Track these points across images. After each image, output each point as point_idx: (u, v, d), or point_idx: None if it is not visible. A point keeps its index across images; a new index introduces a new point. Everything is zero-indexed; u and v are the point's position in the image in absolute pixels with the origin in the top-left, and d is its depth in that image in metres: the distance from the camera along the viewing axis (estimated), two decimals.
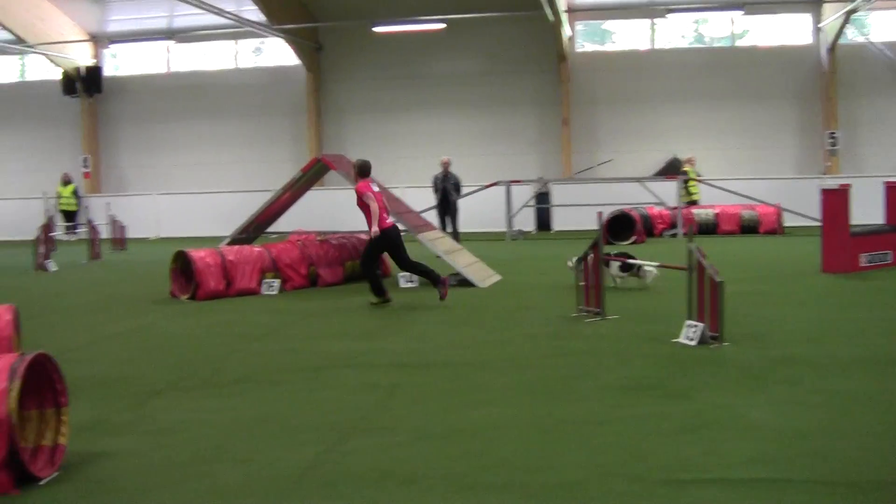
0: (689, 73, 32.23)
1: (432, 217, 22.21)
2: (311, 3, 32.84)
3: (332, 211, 28.75)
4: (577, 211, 27.78)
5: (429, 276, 14.45)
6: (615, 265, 14.99)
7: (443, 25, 31.11)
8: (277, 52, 34.97)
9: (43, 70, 37.15)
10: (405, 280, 16.19)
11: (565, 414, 7.41)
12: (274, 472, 6.19)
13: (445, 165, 23.33)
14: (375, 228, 14.03)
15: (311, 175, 18.29)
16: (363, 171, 14.56)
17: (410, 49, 33.18)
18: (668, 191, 26.98)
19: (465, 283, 15.91)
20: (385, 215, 14.38)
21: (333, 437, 6.95)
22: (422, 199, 24.50)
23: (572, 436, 6.80)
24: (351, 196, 14.80)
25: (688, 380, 8.43)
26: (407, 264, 14.62)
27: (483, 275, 16.51)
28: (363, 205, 14.25)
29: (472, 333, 11.47)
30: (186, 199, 32.83)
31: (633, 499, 5.51)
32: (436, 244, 16.60)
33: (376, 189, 14.54)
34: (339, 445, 6.74)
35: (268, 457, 6.52)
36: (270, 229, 20.44)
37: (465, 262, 16.54)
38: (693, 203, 27.58)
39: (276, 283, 15.92)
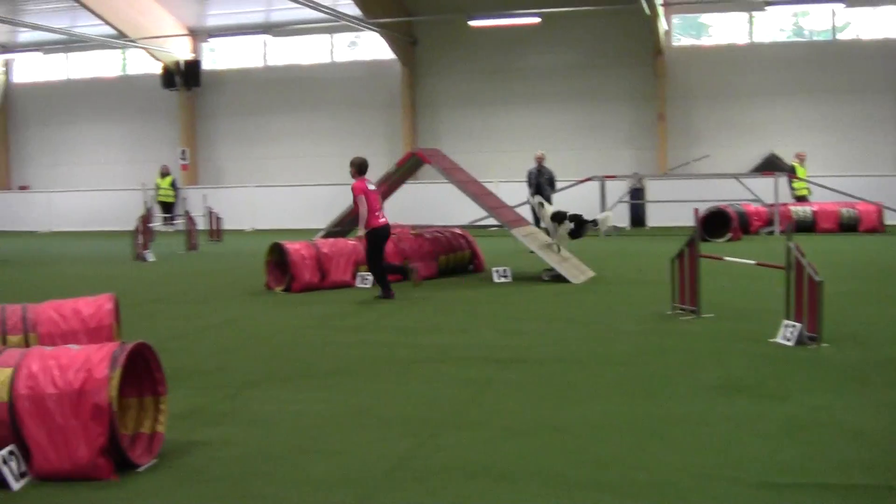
0: (788, 68, 31.68)
1: (526, 212, 22.14)
2: None
3: (426, 205, 28.88)
4: (672, 207, 27.51)
5: (402, 273, 15.15)
6: (566, 227, 15.66)
7: (538, 19, 31.02)
8: (373, 46, 35.17)
9: (143, 64, 37.84)
10: (499, 275, 16.18)
11: (660, 413, 7.34)
12: (366, 464, 6.23)
13: (539, 160, 23.26)
14: (361, 232, 14.49)
15: (406, 169, 18.35)
16: (359, 168, 14.96)
17: (505, 43, 33.11)
18: (766, 188, 26.56)
19: (558, 278, 15.84)
20: (378, 214, 14.63)
21: (426, 431, 6.98)
22: (516, 194, 24.43)
23: (667, 435, 6.74)
24: (445, 190, 14.94)
25: (785, 381, 8.30)
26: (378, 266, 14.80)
27: (576, 271, 16.43)
28: (356, 203, 14.58)
29: (564, 329, 11.44)
30: (282, 192, 33.21)
31: (729, 501, 5.44)
32: (530, 239, 16.56)
33: (372, 188, 14.86)
34: (431, 440, 6.76)
35: (360, 449, 6.56)
36: None
37: (558, 257, 16.48)
38: (802, 199, 27.01)
39: (370, 275, 16.01)
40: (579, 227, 16.28)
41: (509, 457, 6.30)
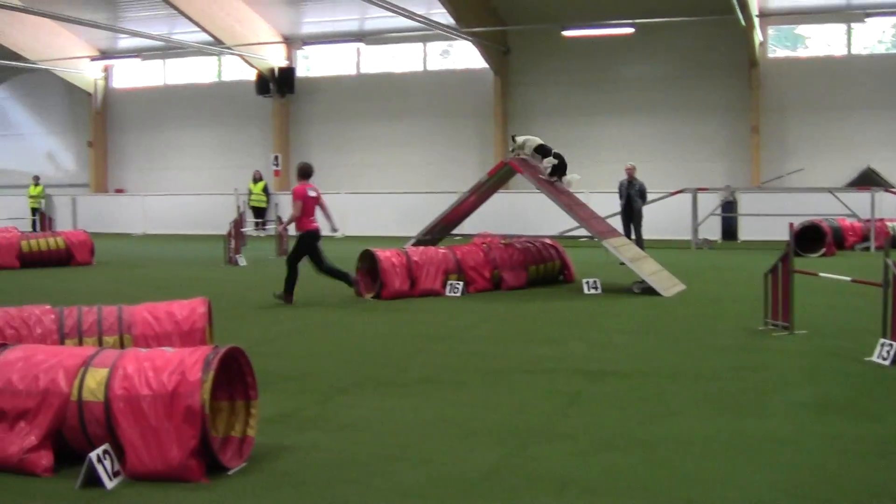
0: (888, 80, 31.01)
1: (616, 223, 21.96)
2: (501, 6, 32.95)
3: (517, 214, 28.83)
4: (765, 221, 27.11)
5: (344, 279, 15.49)
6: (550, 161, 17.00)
7: (632, 29, 30.81)
8: (465, 55, 35.22)
9: (238, 71, 38.34)
10: (589, 286, 16.09)
11: (752, 430, 7.21)
12: (455, 474, 6.22)
13: (629, 172, 23.07)
14: (285, 224, 15.87)
15: (498, 178, 18.34)
16: (303, 173, 15.76)
17: (599, 53, 32.94)
18: (861, 202, 26.05)
19: (649, 291, 15.70)
20: (312, 219, 15.35)
21: (515, 442, 6.95)
22: (607, 205, 24.26)
23: (759, 453, 6.62)
24: (536, 199, 14.95)
25: (881, 401, 8.12)
26: (318, 269, 15.53)
27: (667, 283, 16.27)
28: (293, 204, 15.42)
29: (655, 343, 11.32)
30: (373, 199, 33.38)
31: None
32: (620, 251, 16.43)
33: (312, 194, 15.49)
34: (520, 451, 6.73)
35: (449, 458, 6.56)
36: (455, 231, 20.59)
37: (649, 270, 16.33)
38: None
39: (460, 284, 16.02)
40: (557, 169, 17.27)
41: (598, 471, 6.25)
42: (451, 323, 13.06)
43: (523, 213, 28.97)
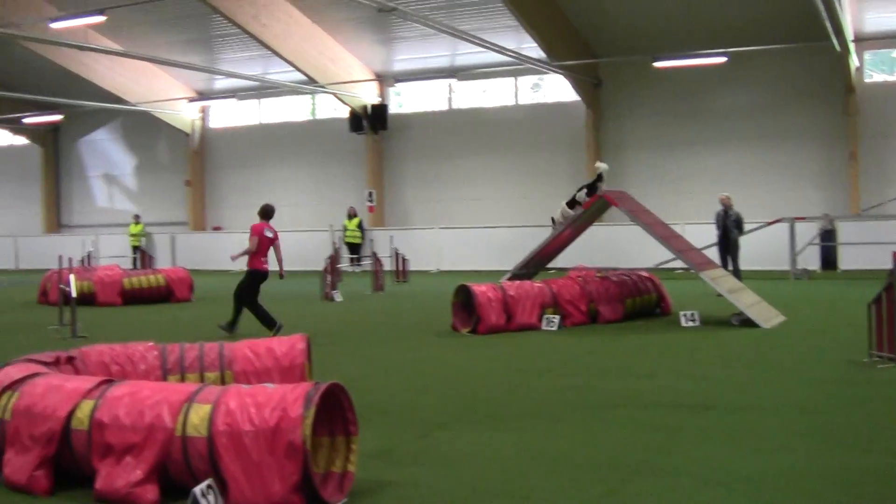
0: None
1: (713, 255, 21.69)
2: (592, 39, 32.89)
3: (612, 247, 28.64)
4: (867, 249, 26.58)
5: (265, 322, 15.71)
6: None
7: (724, 59, 30.47)
8: (556, 88, 35.21)
9: (332, 108, 38.82)
10: (686, 319, 15.90)
11: (861, 466, 7.04)
12: None
13: (725, 202, 22.76)
14: (238, 255, 16.56)
15: (593, 211, 18.27)
16: (264, 213, 16.61)
17: (691, 83, 32.65)
18: None
19: (748, 323, 15.46)
20: (263, 259, 16.07)
21: (616, 477, 6.87)
22: (702, 236, 23.99)
23: (870, 490, 6.45)
24: (632, 232, 14.87)
25: None
26: (249, 305, 15.94)
27: (767, 315, 16.02)
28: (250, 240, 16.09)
29: (756, 375, 11.13)
30: (467, 233, 33.44)
31: None
32: (718, 282, 16.23)
33: (269, 234, 16.26)
34: (622, 487, 6.65)
35: (550, 494, 6.50)
36: (550, 265, 20.53)
37: (748, 301, 16.10)
38: None
39: (556, 318, 15.94)
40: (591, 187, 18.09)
41: None
42: (548, 357, 12.99)
43: (619, 246, 28.76)
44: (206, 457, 6.33)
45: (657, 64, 31.29)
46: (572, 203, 17.84)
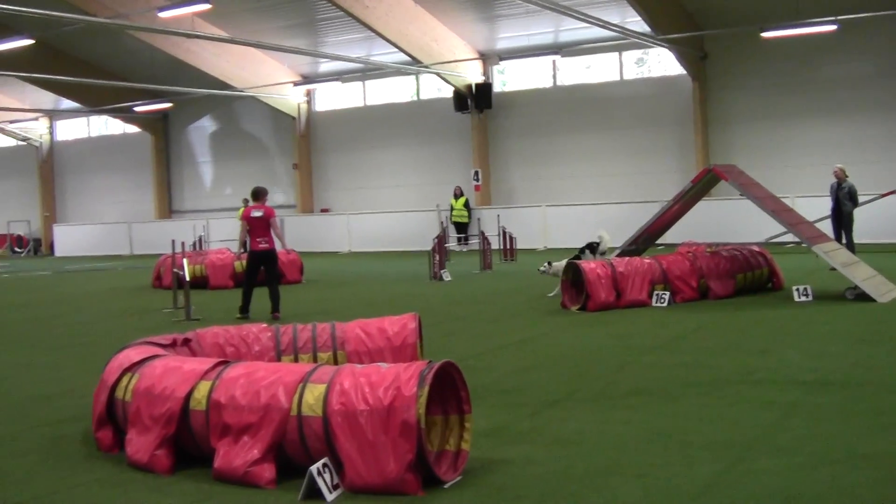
0: None
1: (826, 228, 21.23)
2: (697, 11, 32.37)
3: (722, 222, 28.23)
4: None
5: (243, 305, 16.39)
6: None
7: (834, 27, 29.74)
8: (661, 62, 34.79)
9: (436, 88, 38.88)
10: (799, 294, 15.61)
11: None
12: (671, 488, 6.11)
13: (838, 174, 22.24)
14: (238, 250, 17.49)
15: (702, 186, 18.01)
16: (253, 196, 16.79)
17: (800, 53, 31.92)
18: None
19: (863, 297, 15.12)
20: (258, 240, 16.30)
21: (731, 455, 6.79)
22: (813, 209, 23.49)
23: None
24: (742, 206, 14.63)
25: None
26: (244, 283, 16.68)
27: (883, 289, 15.65)
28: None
29: (873, 351, 10.89)
30: (575, 211, 33.27)
31: None
32: (831, 256, 15.90)
33: (256, 214, 16.32)
34: (737, 465, 6.57)
35: (664, 472, 6.45)
36: (659, 241, 20.33)
37: (863, 274, 15.74)
38: None
39: (667, 295, 15.79)
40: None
41: (820, 486, 6.02)
42: (658, 334, 12.87)
43: (729, 221, 28.34)
44: (321, 436, 6.42)
45: (765, 34, 30.61)
46: (576, 258, 17.54)
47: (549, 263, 17.92)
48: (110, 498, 6.52)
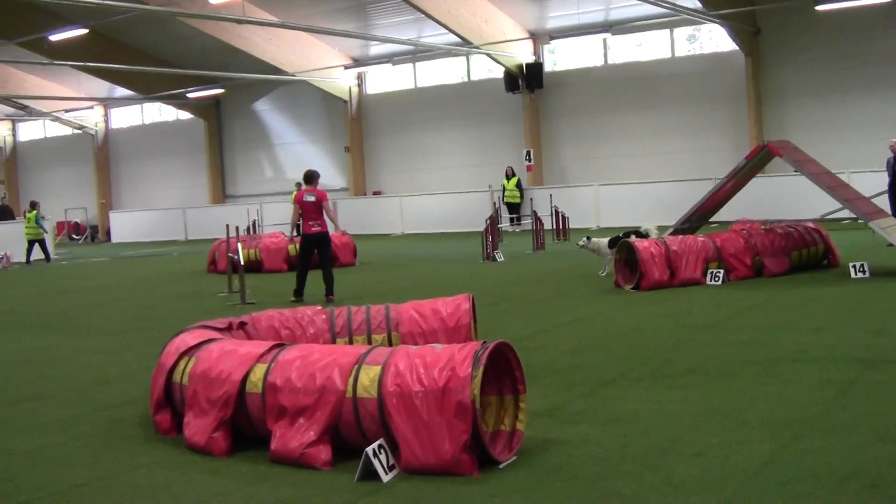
0: None
1: (883, 203, 20.94)
2: None
3: (777, 199, 27.94)
4: None
5: (298, 288, 16.55)
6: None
7: None
8: (713, 39, 34.44)
9: (486, 69, 38.78)
10: (856, 270, 15.42)
11: None
12: (728, 467, 6.09)
13: (894, 148, 21.95)
14: (291, 234, 17.64)
15: (756, 162, 17.83)
16: (305, 179, 16.85)
17: (855, 27, 31.40)
18: None
19: None
20: (310, 223, 16.46)
21: (788, 433, 6.75)
22: (869, 184, 23.16)
23: None
24: (796, 182, 14.48)
25: None
26: (298, 267, 16.87)
27: None
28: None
29: None
30: (626, 190, 33.11)
31: None
32: (889, 232, 15.70)
33: (310, 199, 16.41)
34: (794, 443, 6.53)
35: (721, 451, 6.43)
36: (713, 219, 20.17)
37: None
38: None
39: (721, 273, 15.67)
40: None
41: (880, 464, 5.97)
42: (713, 312, 12.78)
43: (783, 197, 28.05)
44: (376, 417, 6.46)
45: (819, 7, 30.19)
46: (613, 243, 17.27)
47: (588, 238, 17.87)
48: (169, 480, 6.62)
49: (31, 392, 10.10)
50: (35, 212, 32.17)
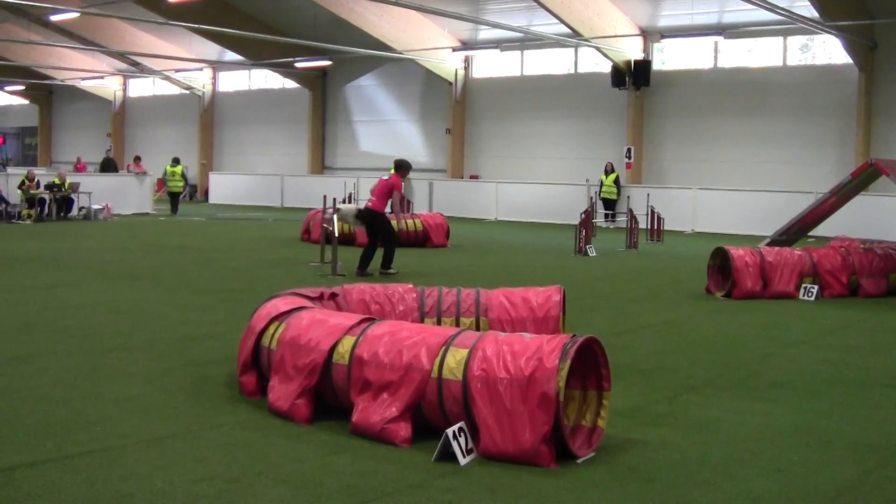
0: None
1: None
2: None
3: (879, 218, 27.35)
4: None
5: (385, 254, 17.14)
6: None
7: None
8: (827, 50, 33.79)
9: (594, 63, 38.53)
10: None
11: None
12: (809, 486, 6.02)
13: None
14: (398, 217, 18.31)
15: (861, 180, 17.50)
16: (397, 167, 17.72)
17: None
18: None
19: None
20: (370, 198, 17.32)
21: (873, 459, 6.64)
22: None
23: None
24: None
25: None
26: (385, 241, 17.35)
27: None
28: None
29: None
30: (725, 196, 32.65)
31: None
32: None
33: (384, 178, 17.38)
34: (879, 468, 6.43)
35: (803, 469, 6.36)
36: (812, 233, 19.85)
37: None
38: None
39: (815, 289, 15.42)
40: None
41: None
42: (805, 328, 12.60)
43: (886, 218, 27.45)
44: (459, 400, 6.49)
45: None
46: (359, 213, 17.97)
47: (338, 209, 18.26)
48: (249, 441, 6.73)
49: (123, 342, 10.35)
50: (181, 166, 33.56)
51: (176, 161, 36.88)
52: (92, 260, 19.01)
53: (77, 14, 36.84)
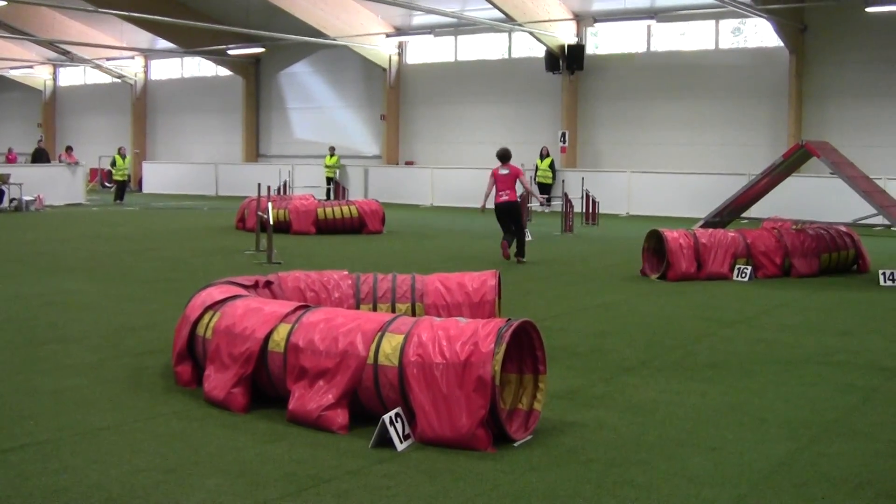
0: None
1: None
2: None
3: (810, 199, 27.70)
4: None
5: (518, 244, 17.82)
6: None
7: None
8: (758, 33, 34.13)
9: (527, 48, 38.58)
10: (885, 278, 15.31)
11: None
12: (743, 464, 6.09)
13: None
14: (483, 203, 18.37)
15: (793, 161, 17.72)
16: (500, 157, 18.28)
17: None
18: None
19: None
20: (500, 194, 17.76)
21: (806, 436, 6.73)
22: None
23: None
24: (831, 184, 14.40)
25: None
26: (516, 231, 17.84)
27: None
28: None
29: None
30: (659, 178, 32.94)
31: None
32: None
33: (503, 172, 17.95)
34: (811, 445, 6.50)
35: (737, 447, 6.42)
36: (744, 215, 20.07)
37: None
38: None
39: (749, 269, 15.59)
40: None
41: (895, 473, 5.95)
42: (739, 308, 12.73)
43: (817, 198, 27.80)
44: (396, 386, 6.48)
45: (870, 9, 29.89)
46: None
47: None
48: (187, 431, 6.67)
49: (57, 334, 10.22)
50: (128, 157, 33.41)
51: (121, 151, 36.54)
52: (24, 252, 18.73)
53: (3, 2, 36.17)
